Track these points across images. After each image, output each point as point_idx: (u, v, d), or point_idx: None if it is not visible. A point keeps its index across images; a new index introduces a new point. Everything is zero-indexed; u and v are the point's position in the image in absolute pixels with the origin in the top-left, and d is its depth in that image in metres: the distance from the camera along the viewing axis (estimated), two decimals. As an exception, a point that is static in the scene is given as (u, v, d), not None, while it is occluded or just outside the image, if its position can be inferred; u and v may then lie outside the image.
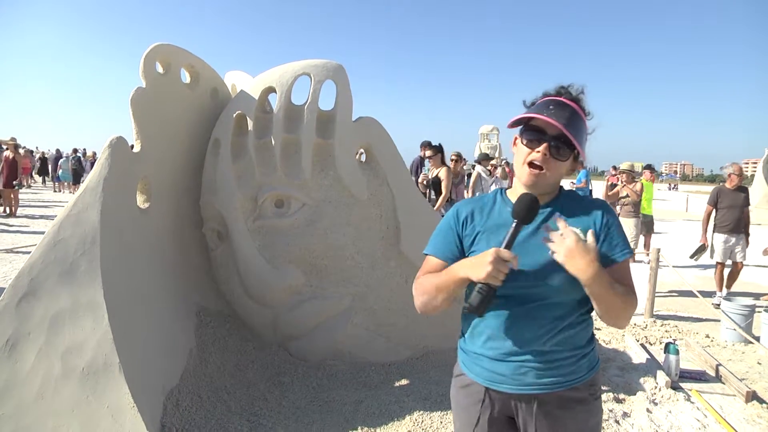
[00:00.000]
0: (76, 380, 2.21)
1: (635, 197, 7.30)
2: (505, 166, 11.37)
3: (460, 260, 1.39)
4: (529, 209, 1.30)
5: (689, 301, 6.18)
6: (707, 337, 4.89)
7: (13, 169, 11.41)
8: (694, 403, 3.39)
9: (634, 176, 7.64)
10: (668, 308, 5.89)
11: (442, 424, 2.90)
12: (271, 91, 3.36)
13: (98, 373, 2.22)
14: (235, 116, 3.31)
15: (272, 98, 3.40)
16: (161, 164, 3.13)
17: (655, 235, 11.48)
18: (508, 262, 1.24)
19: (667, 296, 6.41)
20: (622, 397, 3.41)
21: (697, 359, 4.18)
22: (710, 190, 6.59)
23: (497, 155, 16.93)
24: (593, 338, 1.47)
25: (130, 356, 2.32)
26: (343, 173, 3.36)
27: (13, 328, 2.26)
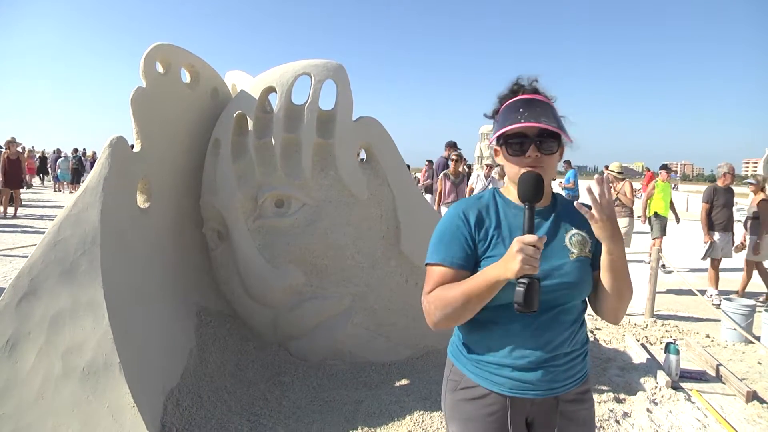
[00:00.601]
0: (76, 380, 2.21)
1: (626, 200, 7.26)
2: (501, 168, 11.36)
3: (478, 268, 1.35)
4: (535, 186, 1.27)
5: (690, 300, 6.18)
6: (707, 337, 4.89)
7: (15, 168, 11.12)
8: (694, 403, 3.39)
9: (621, 177, 7.56)
10: (668, 308, 5.89)
11: (441, 423, 2.90)
12: (271, 90, 3.36)
13: (98, 372, 2.22)
14: (235, 116, 3.31)
15: (272, 98, 3.40)
16: (161, 164, 3.13)
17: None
18: (536, 246, 1.19)
19: (667, 296, 6.41)
20: (622, 397, 3.41)
21: (697, 359, 4.18)
22: None
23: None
24: (587, 335, 1.56)
25: (130, 356, 2.32)
26: (343, 173, 3.36)
27: (13, 327, 2.26)
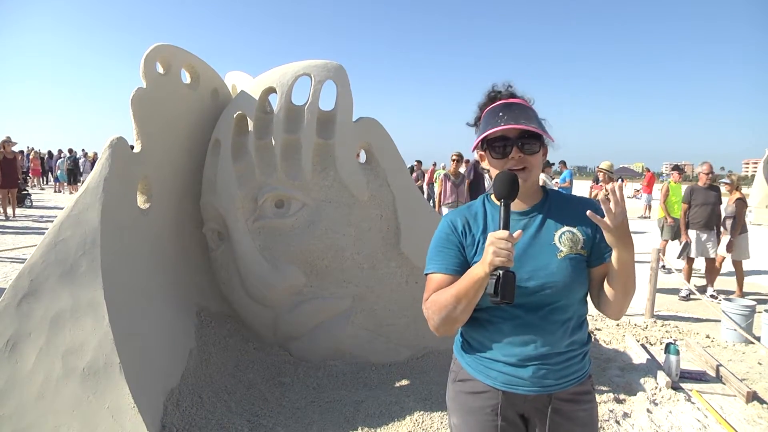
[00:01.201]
0: (76, 380, 2.21)
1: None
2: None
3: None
4: (510, 185, 1.32)
5: (690, 301, 6.19)
6: (707, 337, 4.89)
7: (11, 168, 11.00)
8: (694, 403, 3.40)
9: (612, 176, 7.59)
10: (668, 308, 5.89)
11: (442, 424, 2.90)
12: (271, 91, 3.37)
13: (99, 373, 2.23)
14: (235, 116, 3.32)
15: (272, 99, 3.40)
16: (161, 164, 3.14)
17: (654, 234, 11.47)
18: (507, 240, 1.23)
19: (667, 296, 6.41)
20: (622, 397, 3.41)
21: (697, 359, 4.18)
22: None
23: None
24: (590, 336, 1.55)
25: (130, 356, 2.33)
26: (343, 174, 3.36)
27: (13, 328, 2.26)
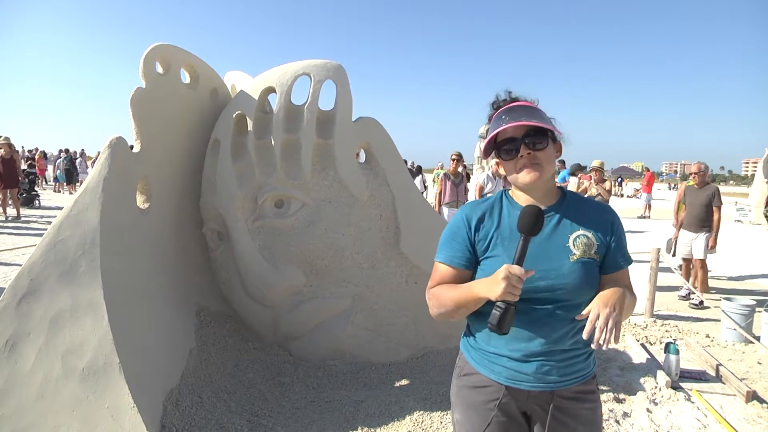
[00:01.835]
0: (76, 380, 2.21)
1: (606, 196, 7.31)
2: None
3: (476, 276, 1.44)
4: (534, 222, 1.32)
5: (689, 300, 6.18)
6: (707, 336, 4.89)
7: (10, 168, 10.87)
8: (694, 402, 3.39)
9: (603, 175, 7.60)
10: (668, 308, 5.89)
11: (442, 424, 2.90)
12: (270, 91, 3.36)
13: (98, 373, 2.22)
14: (235, 116, 3.31)
15: (272, 98, 3.40)
16: (161, 164, 3.14)
17: (654, 234, 11.48)
18: (520, 278, 1.26)
19: (667, 296, 6.41)
20: (622, 397, 3.41)
21: (697, 359, 4.18)
22: None
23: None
24: None
25: (130, 356, 2.33)
26: (343, 173, 3.36)
27: (13, 328, 2.26)
